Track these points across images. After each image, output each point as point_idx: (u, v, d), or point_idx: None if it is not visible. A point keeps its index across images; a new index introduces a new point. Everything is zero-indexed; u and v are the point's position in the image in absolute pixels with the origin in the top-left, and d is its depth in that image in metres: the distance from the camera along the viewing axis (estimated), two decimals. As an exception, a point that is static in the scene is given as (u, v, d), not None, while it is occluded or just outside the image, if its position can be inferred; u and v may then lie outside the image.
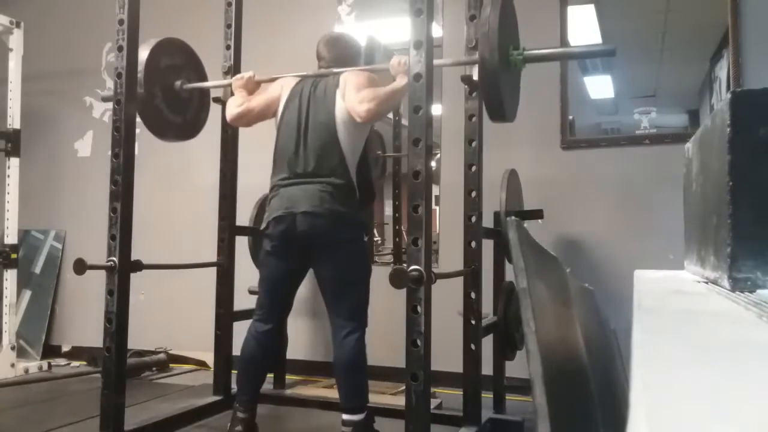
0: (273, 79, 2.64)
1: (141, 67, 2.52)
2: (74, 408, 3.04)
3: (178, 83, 2.76)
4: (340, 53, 2.58)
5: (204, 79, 2.92)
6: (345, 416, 2.30)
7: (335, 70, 2.48)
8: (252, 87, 2.63)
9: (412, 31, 1.99)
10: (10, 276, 3.80)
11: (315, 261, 2.39)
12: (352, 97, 2.32)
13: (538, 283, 0.93)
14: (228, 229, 2.94)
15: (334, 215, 2.30)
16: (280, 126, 2.48)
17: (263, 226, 2.44)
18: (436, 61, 2.09)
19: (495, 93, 2.09)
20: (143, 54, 2.55)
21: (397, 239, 4.23)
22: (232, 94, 2.66)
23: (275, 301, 2.49)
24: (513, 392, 2.93)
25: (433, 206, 2.06)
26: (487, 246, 2.70)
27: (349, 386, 2.33)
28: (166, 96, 2.71)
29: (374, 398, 2.61)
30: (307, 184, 2.34)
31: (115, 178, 2.33)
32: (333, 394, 3.17)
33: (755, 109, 0.80)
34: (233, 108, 2.56)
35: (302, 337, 3.70)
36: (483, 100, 2.25)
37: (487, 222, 2.70)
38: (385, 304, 2.63)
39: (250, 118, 2.57)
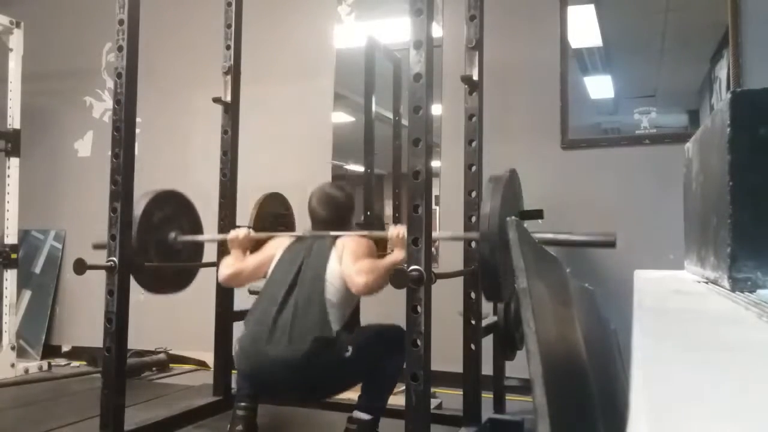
0: (269, 237, 2.63)
1: (135, 227, 2.43)
2: (74, 408, 3.04)
3: (171, 235, 2.67)
4: (335, 214, 2.53)
5: (197, 221, 2.86)
6: (356, 412, 2.31)
7: (333, 233, 2.44)
8: (247, 244, 2.62)
9: (412, 31, 1.99)
10: (10, 276, 3.80)
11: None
12: (349, 266, 2.26)
13: (538, 283, 0.93)
14: (228, 229, 2.94)
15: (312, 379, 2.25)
16: (267, 284, 2.45)
17: (234, 349, 2.39)
18: (435, 234, 2.10)
19: (492, 274, 2.19)
20: (137, 211, 2.47)
21: (397, 239, 4.22)
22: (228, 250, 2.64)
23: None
24: (513, 392, 2.93)
25: (433, 206, 2.06)
26: (487, 246, 2.70)
27: (373, 386, 2.34)
28: (160, 252, 2.62)
29: (374, 398, 2.62)
30: (281, 356, 2.20)
31: (115, 178, 2.33)
32: (333, 394, 3.17)
33: (755, 109, 0.80)
34: (224, 269, 2.57)
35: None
36: (480, 277, 2.30)
37: (487, 222, 2.70)
38: (385, 303, 2.63)
39: (241, 278, 2.58)
